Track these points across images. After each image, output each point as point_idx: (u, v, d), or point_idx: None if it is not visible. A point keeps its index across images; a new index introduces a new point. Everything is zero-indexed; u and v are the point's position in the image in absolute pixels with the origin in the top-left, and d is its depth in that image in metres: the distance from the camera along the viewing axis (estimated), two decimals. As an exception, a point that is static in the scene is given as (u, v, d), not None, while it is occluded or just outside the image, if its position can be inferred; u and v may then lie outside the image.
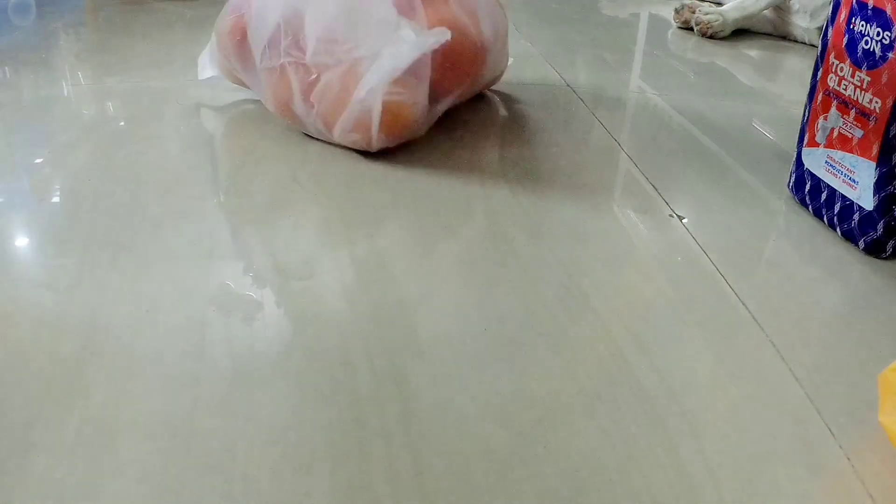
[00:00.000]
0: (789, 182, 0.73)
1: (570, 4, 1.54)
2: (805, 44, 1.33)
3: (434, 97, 0.77)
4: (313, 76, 0.73)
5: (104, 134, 0.79)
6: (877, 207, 0.61)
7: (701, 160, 0.82)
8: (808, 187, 0.69)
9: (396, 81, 0.71)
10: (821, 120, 0.67)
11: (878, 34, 0.60)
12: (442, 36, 0.70)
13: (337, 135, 0.75)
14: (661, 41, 1.32)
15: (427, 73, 0.73)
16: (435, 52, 0.73)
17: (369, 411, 0.45)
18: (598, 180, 0.75)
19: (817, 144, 0.67)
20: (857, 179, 0.63)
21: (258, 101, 0.85)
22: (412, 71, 0.72)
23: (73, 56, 1.03)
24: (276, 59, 0.73)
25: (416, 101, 0.74)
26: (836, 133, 0.65)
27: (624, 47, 1.28)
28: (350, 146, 0.76)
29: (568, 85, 1.03)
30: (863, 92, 0.61)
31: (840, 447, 0.44)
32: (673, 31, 1.37)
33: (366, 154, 0.76)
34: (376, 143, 0.74)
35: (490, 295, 0.56)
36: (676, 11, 1.40)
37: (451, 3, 0.75)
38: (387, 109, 0.71)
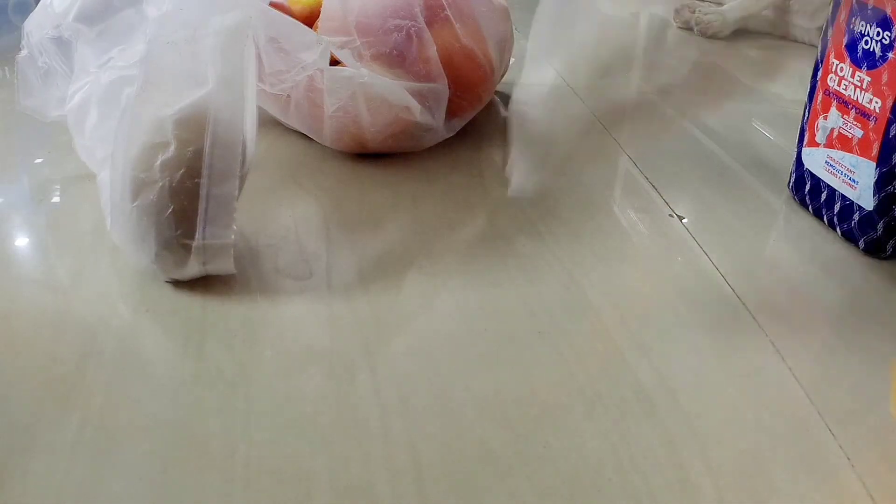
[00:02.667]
0: (789, 182, 0.73)
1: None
2: (805, 44, 1.33)
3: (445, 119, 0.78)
4: (285, 96, 0.74)
5: (104, 134, 0.79)
6: (877, 207, 0.61)
7: (701, 160, 0.82)
8: (808, 187, 0.69)
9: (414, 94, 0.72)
10: (821, 120, 0.67)
11: (878, 34, 0.60)
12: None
13: (329, 143, 0.75)
14: (661, 41, 1.32)
15: (446, 96, 0.74)
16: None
17: (369, 411, 0.45)
18: (598, 180, 0.75)
19: (817, 144, 0.67)
20: (857, 179, 0.63)
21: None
22: (433, 95, 0.73)
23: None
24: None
25: (431, 126, 0.75)
26: (836, 133, 0.65)
27: (624, 47, 1.28)
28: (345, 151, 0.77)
29: (568, 85, 1.03)
30: (863, 92, 0.61)
31: (840, 447, 0.44)
32: (673, 31, 1.37)
33: (366, 155, 0.76)
34: (372, 148, 0.74)
35: (490, 295, 0.56)
36: (676, 11, 1.40)
37: (458, 29, 0.75)
38: (401, 130, 0.72)
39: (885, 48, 0.59)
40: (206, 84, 0.53)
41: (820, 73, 0.67)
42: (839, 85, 0.64)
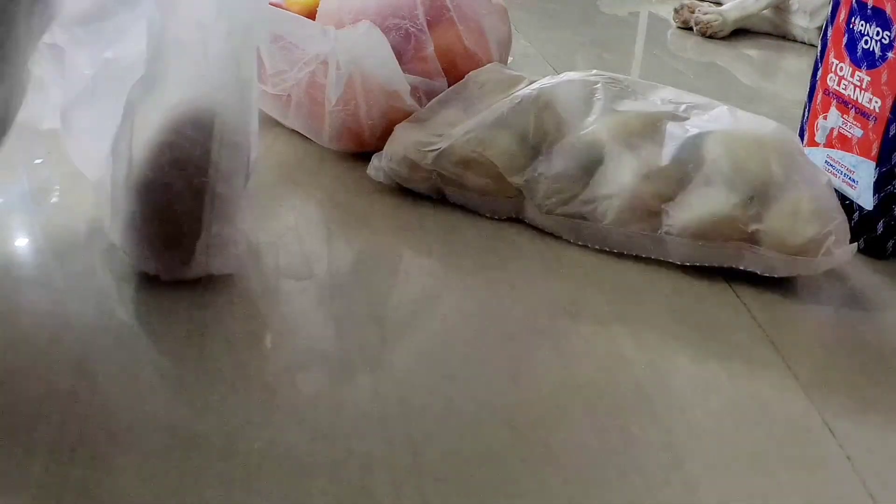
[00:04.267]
0: (789, 182, 0.73)
1: (570, 4, 1.54)
2: (805, 44, 1.33)
3: None
4: (285, 97, 0.74)
5: (104, 134, 0.79)
6: (877, 207, 0.62)
7: (701, 160, 0.82)
8: (807, 187, 0.69)
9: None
10: (820, 120, 0.67)
11: (878, 34, 0.60)
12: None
13: (328, 142, 0.75)
14: (661, 41, 1.32)
15: (441, 92, 0.74)
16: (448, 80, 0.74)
17: (369, 411, 0.45)
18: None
19: (817, 144, 0.67)
20: (856, 179, 0.63)
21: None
22: (425, 88, 0.73)
23: (72, 56, 1.02)
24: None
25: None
26: (835, 133, 0.65)
27: (624, 47, 1.28)
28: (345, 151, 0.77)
29: (568, 85, 1.02)
30: (862, 92, 0.61)
31: (840, 447, 0.44)
32: (673, 31, 1.37)
33: (365, 154, 0.76)
34: (370, 146, 0.74)
35: (490, 295, 0.56)
36: (676, 11, 1.40)
37: (460, 29, 0.74)
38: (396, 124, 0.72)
39: (885, 48, 0.59)
40: (216, 84, 0.53)
41: (819, 73, 0.67)
42: (839, 85, 0.64)
